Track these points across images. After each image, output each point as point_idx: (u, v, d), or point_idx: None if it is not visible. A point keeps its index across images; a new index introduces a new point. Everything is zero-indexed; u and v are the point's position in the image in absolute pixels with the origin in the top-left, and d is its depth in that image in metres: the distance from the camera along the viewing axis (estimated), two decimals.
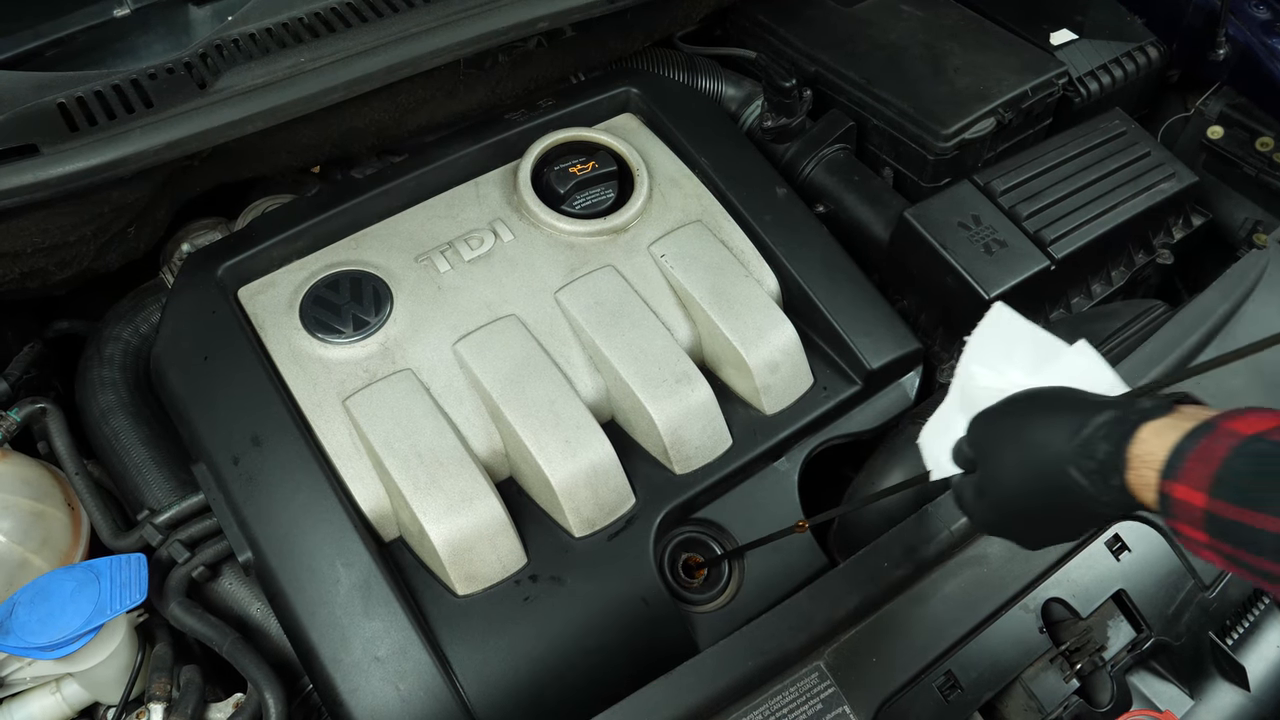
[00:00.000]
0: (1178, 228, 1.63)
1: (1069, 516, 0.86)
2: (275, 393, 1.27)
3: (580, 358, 1.34)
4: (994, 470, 0.89)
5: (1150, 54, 1.77)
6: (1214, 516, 0.73)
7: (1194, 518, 0.74)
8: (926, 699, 1.06)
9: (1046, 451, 0.84)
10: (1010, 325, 1.01)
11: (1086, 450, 0.81)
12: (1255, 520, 0.70)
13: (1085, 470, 0.81)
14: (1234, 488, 0.72)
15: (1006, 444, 0.88)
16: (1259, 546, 0.70)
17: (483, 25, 1.39)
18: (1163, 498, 0.76)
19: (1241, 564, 0.73)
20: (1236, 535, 0.72)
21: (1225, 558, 0.75)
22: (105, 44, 1.40)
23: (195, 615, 1.20)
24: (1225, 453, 0.73)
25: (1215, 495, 0.73)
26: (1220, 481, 0.73)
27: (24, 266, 1.35)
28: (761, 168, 1.57)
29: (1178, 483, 0.75)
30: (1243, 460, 0.72)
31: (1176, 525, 0.77)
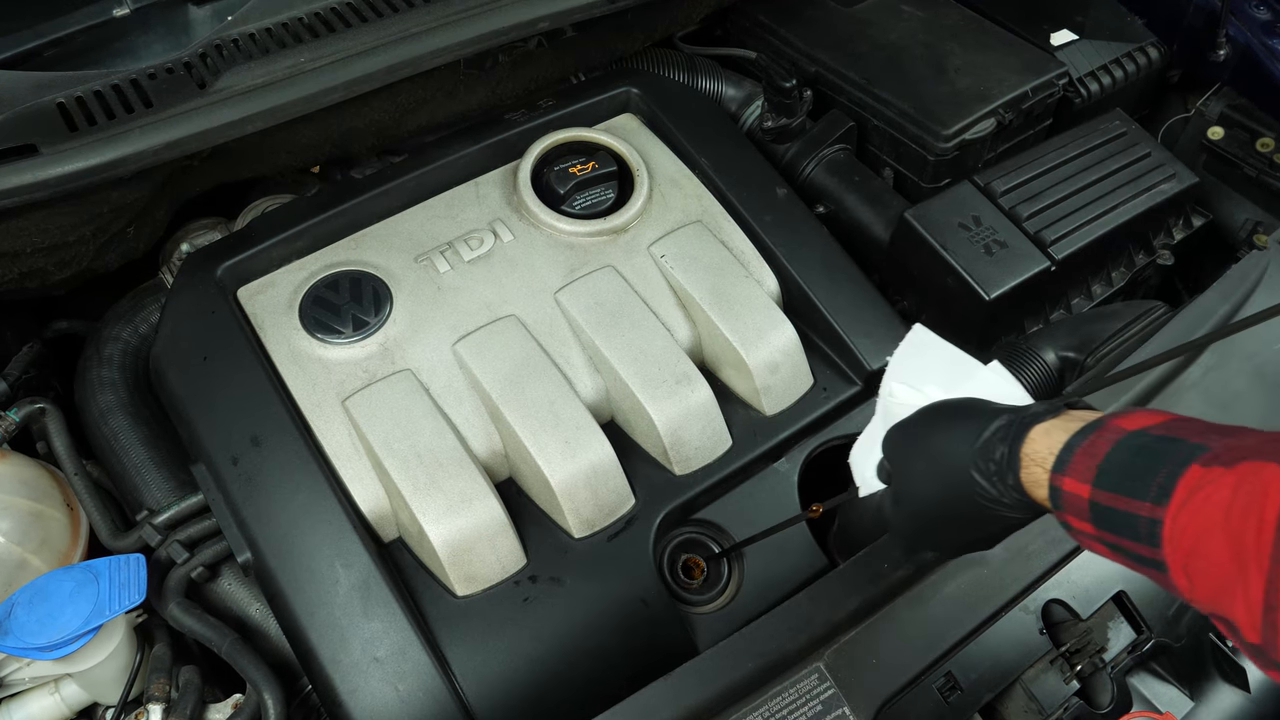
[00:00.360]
0: (1178, 228, 1.63)
1: (978, 520, 0.89)
2: (275, 393, 1.27)
3: (580, 358, 1.34)
4: (907, 479, 0.94)
5: (1151, 54, 1.77)
6: (1097, 505, 0.77)
7: (1080, 509, 0.78)
8: (926, 700, 1.06)
9: (951, 458, 0.88)
10: (929, 346, 1.06)
11: (985, 453, 0.85)
12: (1131, 506, 0.74)
13: (985, 473, 0.85)
14: (1113, 476, 0.76)
15: (916, 453, 0.93)
16: (1134, 531, 0.74)
17: (483, 25, 1.39)
18: (1052, 490, 0.80)
19: (1122, 551, 0.77)
20: (1116, 522, 0.76)
21: (1109, 547, 0.78)
22: (105, 44, 1.39)
23: (194, 616, 1.20)
24: (1109, 447, 0.77)
25: (1098, 485, 0.77)
26: (1103, 473, 0.77)
27: (23, 266, 1.35)
28: (762, 168, 1.57)
29: (1065, 476, 0.79)
30: (1124, 452, 0.76)
31: (1066, 518, 0.81)
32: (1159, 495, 0.72)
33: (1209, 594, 0.70)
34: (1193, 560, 0.70)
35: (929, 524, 0.94)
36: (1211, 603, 0.70)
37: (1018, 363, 1.40)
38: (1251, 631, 0.66)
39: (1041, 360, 1.40)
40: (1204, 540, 0.69)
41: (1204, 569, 0.69)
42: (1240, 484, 0.68)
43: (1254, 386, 1.29)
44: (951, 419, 0.91)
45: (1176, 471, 0.72)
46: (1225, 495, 0.68)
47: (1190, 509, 0.70)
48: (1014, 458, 0.84)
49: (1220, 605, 0.69)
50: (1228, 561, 0.67)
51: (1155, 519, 0.72)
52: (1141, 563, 0.76)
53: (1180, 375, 1.28)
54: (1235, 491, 0.68)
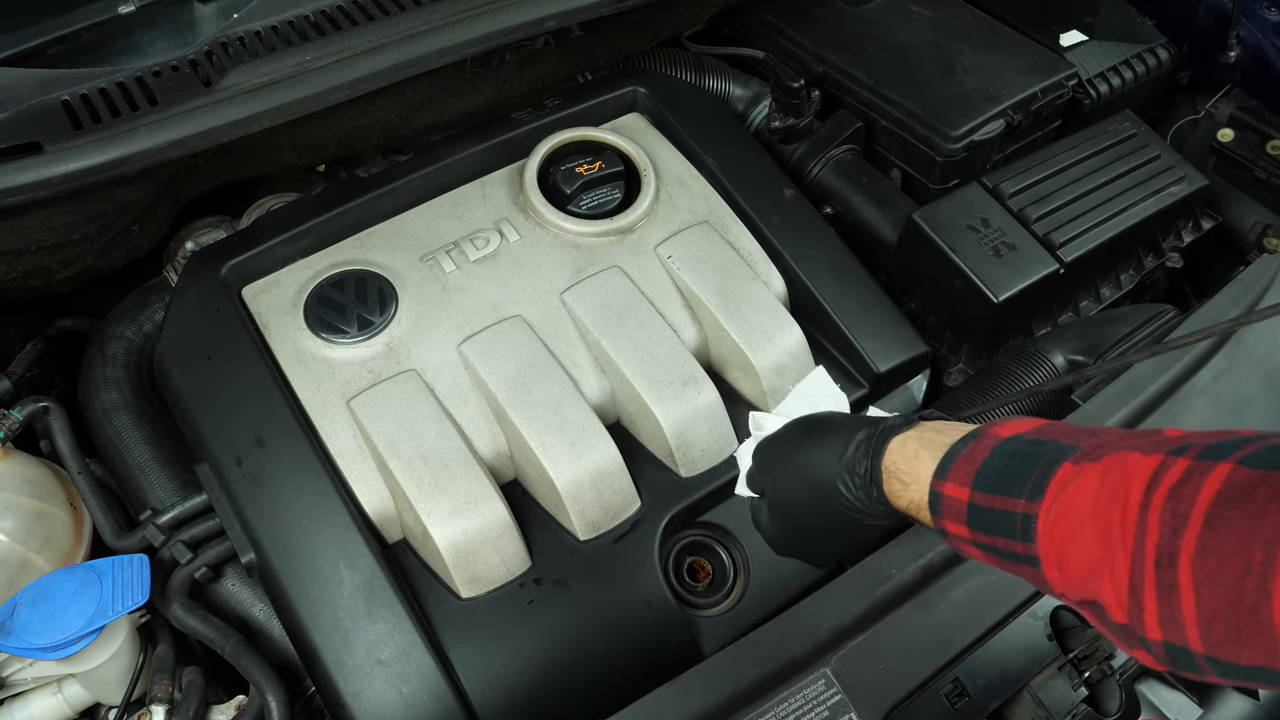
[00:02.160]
0: (1187, 231, 1.62)
1: (847, 529, 0.95)
2: (279, 393, 1.26)
3: (586, 359, 1.33)
4: (779, 491, 1.00)
5: (1160, 56, 1.76)
6: (975, 507, 0.80)
7: (959, 511, 0.81)
8: (934, 706, 1.05)
9: (819, 471, 0.94)
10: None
11: (850, 467, 0.91)
12: (1006, 504, 0.77)
13: (850, 485, 0.91)
14: (990, 479, 0.80)
15: (787, 466, 0.99)
16: (1009, 528, 0.77)
17: (490, 24, 1.38)
18: (933, 496, 0.84)
19: (995, 551, 0.80)
20: (991, 521, 0.79)
21: (983, 549, 0.81)
22: (110, 41, 1.39)
23: (197, 616, 1.19)
24: (986, 453, 0.81)
25: (976, 488, 0.80)
26: (981, 476, 0.80)
27: (27, 264, 1.34)
28: (769, 169, 1.56)
29: (946, 481, 0.83)
30: (1000, 457, 0.80)
31: (944, 524, 0.84)
32: (1033, 492, 0.76)
33: (1078, 581, 0.72)
34: (1064, 550, 0.72)
35: (801, 533, 1.01)
36: (1081, 588, 0.72)
37: (1026, 365, 1.39)
38: (1119, 611, 0.68)
39: (1050, 363, 1.39)
40: (1075, 530, 0.72)
41: (1074, 557, 0.72)
42: (1106, 473, 0.71)
43: (1265, 391, 1.28)
44: (815, 435, 0.97)
45: (1049, 470, 0.75)
46: (1093, 485, 0.72)
47: (1061, 502, 0.73)
48: (875, 471, 0.89)
49: (1090, 590, 0.71)
50: (1096, 546, 0.70)
51: (1030, 514, 0.75)
52: (1015, 560, 0.78)
53: (1190, 380, 1.27)
54: (1102, 480, 0.71)
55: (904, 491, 0.87)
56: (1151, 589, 0.66)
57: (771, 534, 1.05)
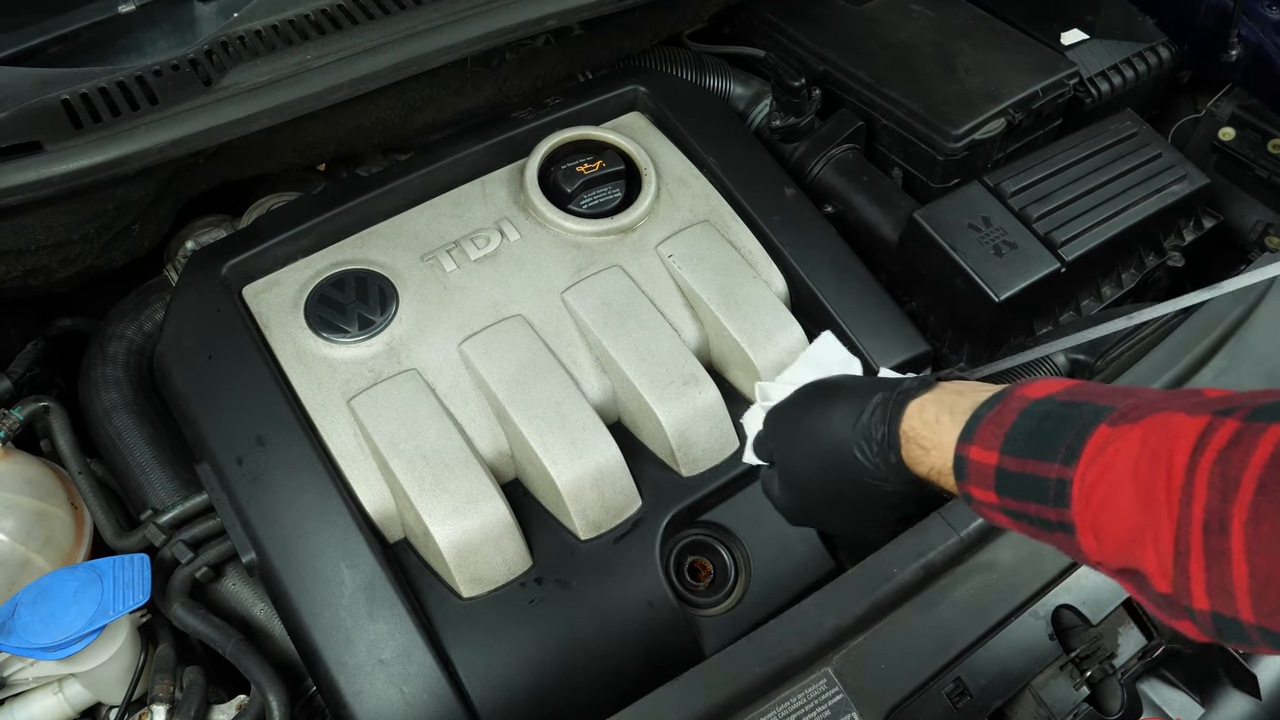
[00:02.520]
0: (1188, 230, 1.62)
1: (863, 497, 0.91)
2: (280, 392, 1.26)
3: (587, 359, 1.33)
4: (791, 459, 0.97)
5: (1161, 54, 1.76)
6: (1004, 472, 0.77)
7: (986, 476, 0.78)
8: (935, 706, 1.05)
9: (833, 437, 0.90)
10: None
11: (866, 433, 0.87)
12: (1039, 469, 0.74)
13: (867, 452, 0.87)
14: (1021, 442, 0.76)
15: (799, 434, 0.96)
16: (1041, 494, 0.74)
17: (491, 23, 1.38)
18: (958, 460, 0.80)
19: (1026, 518, 0.77)
20: (1022, 486, 0.75)
21: (1011, 515, 0.78)
22: (110, 40, 1.39)
23: (198, 616, 1.19)
24: (1015, 415, 0.78)
25: (1005, 452, 0.77)
26: (1010, 439, 0.77)
27: (27, 264, 1.34)
28: (770, 168, 1.56)
29: (972, 444, 0.79)
30: (1030, 419, 0.77)
31: (969, 489, 0.80)
32: (1067, 456, 0.72)
33: (1117, 548, 0.69)
34: (1102, 516, 0.69)
35: (815, 503, 0.97)
36: (1121, 557, 0.69)
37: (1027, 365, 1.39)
38: (1162, 580, 0.66)
39: (1051, 363, 1.39)
40: (1113, 494, 0.68)
41: (1113, 523, 0.69)
42: (1148, 435, 0.68)
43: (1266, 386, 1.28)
44: (830, 400, 0.93)
45: (1084, 433, 0.72)
46: (1133, 448, 0.68)
47: (1099, 465, 0.70)
48: (893, 436, 0.86)
49: (1130, 558, 0.68)
50: (1137, 512, 0.67)
51: (1064, 479, 0.72)
52: (1046, 528, 0.75)
53: (1192, 379, 1.28)
54: (1143, 443, 0.68)
55: (924, 457, 0.84)
56: (1199, 556, 0.63)
57: (785, 503, 1.01)
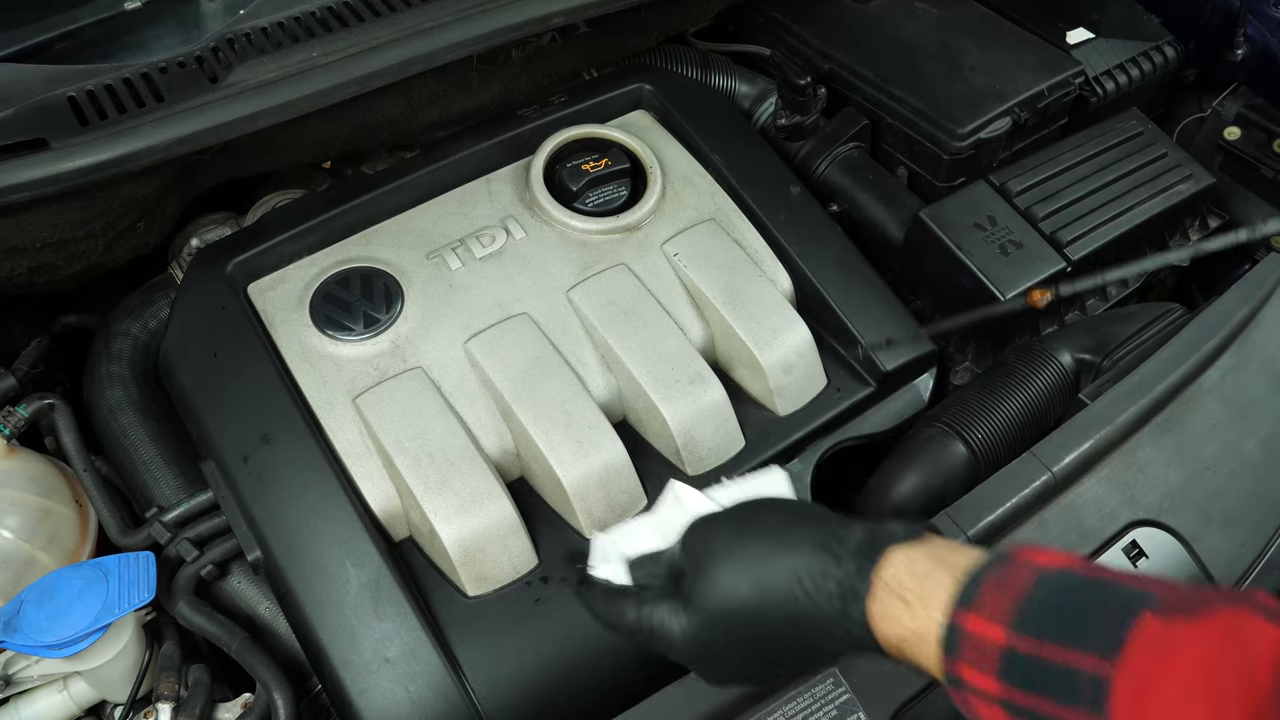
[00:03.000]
0: (1194, 230, 1.62)
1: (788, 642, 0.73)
2: (285, 390, 1.26)
3: (592, 357, 1.33)
4: (711, 580, 0.74)
5: (1167, 53, 1.76)
6: (1015, 654, 0.61)
7: (987, 656, 0.62)
8: (943, 705, 1.05)
9: (775, 567, 0.72)
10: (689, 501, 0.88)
11: (824, 569, 0.70)
12: (1069, 659, 0.59)
13: (821, 592, 0.70)
14: (1038, 620, 0.61)
15: (729, 554, 0.74)
16: (1070, 691, 0.59)
17: (497, 20, 1.37)
18: (951, 630, 0.65)
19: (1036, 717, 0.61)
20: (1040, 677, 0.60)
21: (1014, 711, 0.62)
22: (115, 37, 1.38)
23: (203, 614, 1.19)
24: (1028, 582, 0.63)
25: (1016, 628, 0.62)
26: (1023, 614, 0.62)
27: (32, 261, 1.34)
28: (775, 166, 1.56)
29: (972, 612, 0.64)
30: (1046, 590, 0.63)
31: (960, 668, 0.65)
32: (1106, 647, 0.58)
33: None
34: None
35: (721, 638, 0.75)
36: None
37: (1033, 364, 1.39)
38: None
39: (1057, 362, 1.39)
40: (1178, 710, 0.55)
41: None
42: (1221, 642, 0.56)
43: (1273, 390, 1.28)
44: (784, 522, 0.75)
45: (1124, 620, 0.59)
46: (1198, 652, 0.56)
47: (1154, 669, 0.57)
48: (863, 581, 0.69)
49: None
50: None
51: (1101, 677, 0.58)
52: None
53: (1198, 379, 1.27)
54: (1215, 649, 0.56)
55: (902, 616, 0.67)
56: None
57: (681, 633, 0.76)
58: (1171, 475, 1.21)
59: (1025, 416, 1.35)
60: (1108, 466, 1.21)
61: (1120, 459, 1.21)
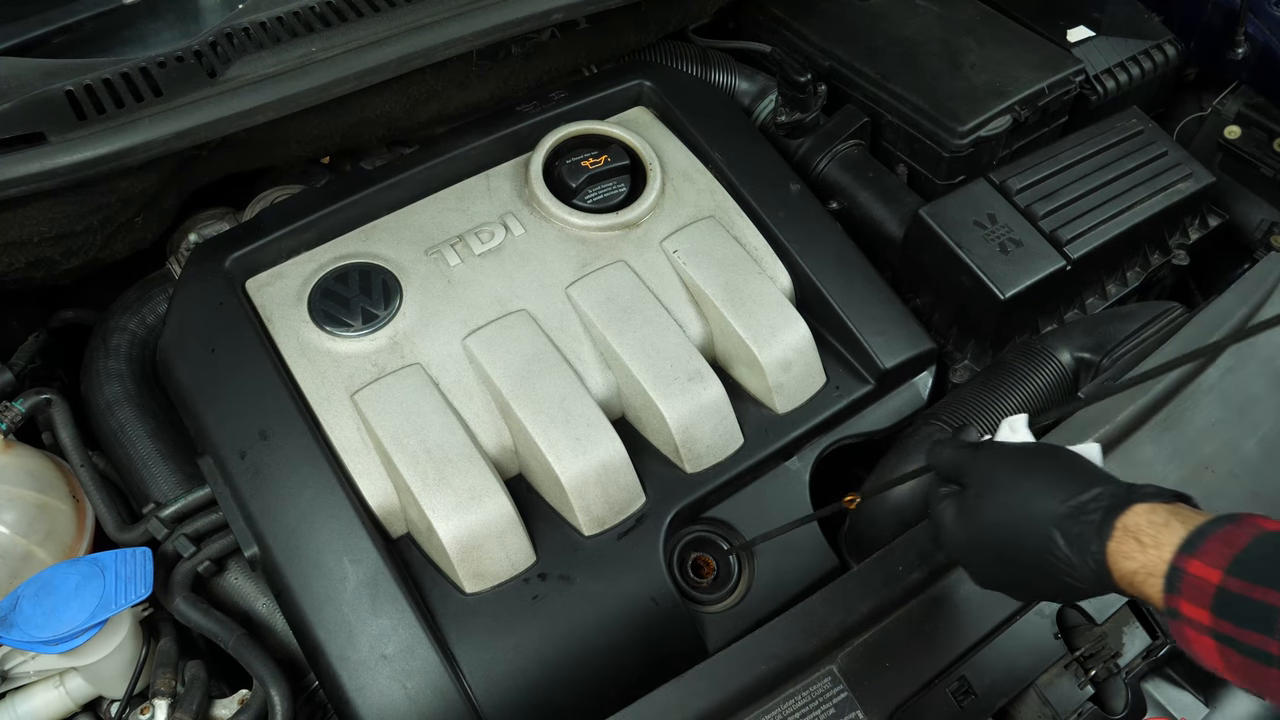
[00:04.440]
0: (1194, 228, 1.62)
1: (1036, 570, 0.86)
2: (283, 386, 1.25)
3: (591, 354, 1.33)
4: (982, 502, 0.91)
5: (1168, 52, 1.76)
6: (1226, 592, 0.73)
7: (1203, 593, 0.74)
8: (940, 704, 1.05)
9: (1037, 506, 0.86)
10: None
11: (1075, 515, 0.83)
12: (1269, 596, 0.70)
13: (1068, 534, 0.83)
14: (1253, 567, 0.73)
15: (1003, 484, 0.90)
16: (1268, 624, 0.70)
17: (496, 16, 1.37)
18: (1172, 571, 0.77)
19: (1237, 645, 0.72)
20: (1245, 612, 0.72)
21: (1223, 641, 0.74)
22: (114, 31, 1.38)
23: (200, 610, 1.19)
24: (1249, 539, 0.74)
25: (1232, 573, 0.73)
26: (1240, 562, 0.73)
27: (30, 256, 1.34)
28: (775, 163, 1.56)
29: (1194, 558, 0.76)
30: (1267, 545, 0.73)
31: (1180, 603, 0.76)
32: None
33: None
34: None
35: (983, 545, 0.91)
36: None
37: (1032, 363, 1.39)
38: None
39: (1056, 360, 1.39)
40: None
41: None
42: None
43: (1273, 389, 1.28)
44: (1051, 468, 0.89)
45: None
46: None
47: None
48: (1106, 526, 0.81)
49: None
50: None
51: None
52: (1263, 660, 0.71)
53: (1198, 378, 1.27)
54: None
55: (1137, 554, 0.79)
56: None
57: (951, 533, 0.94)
58: (1170, 474, 1.21)
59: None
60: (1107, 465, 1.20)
61: (1119, 457, 1.21)
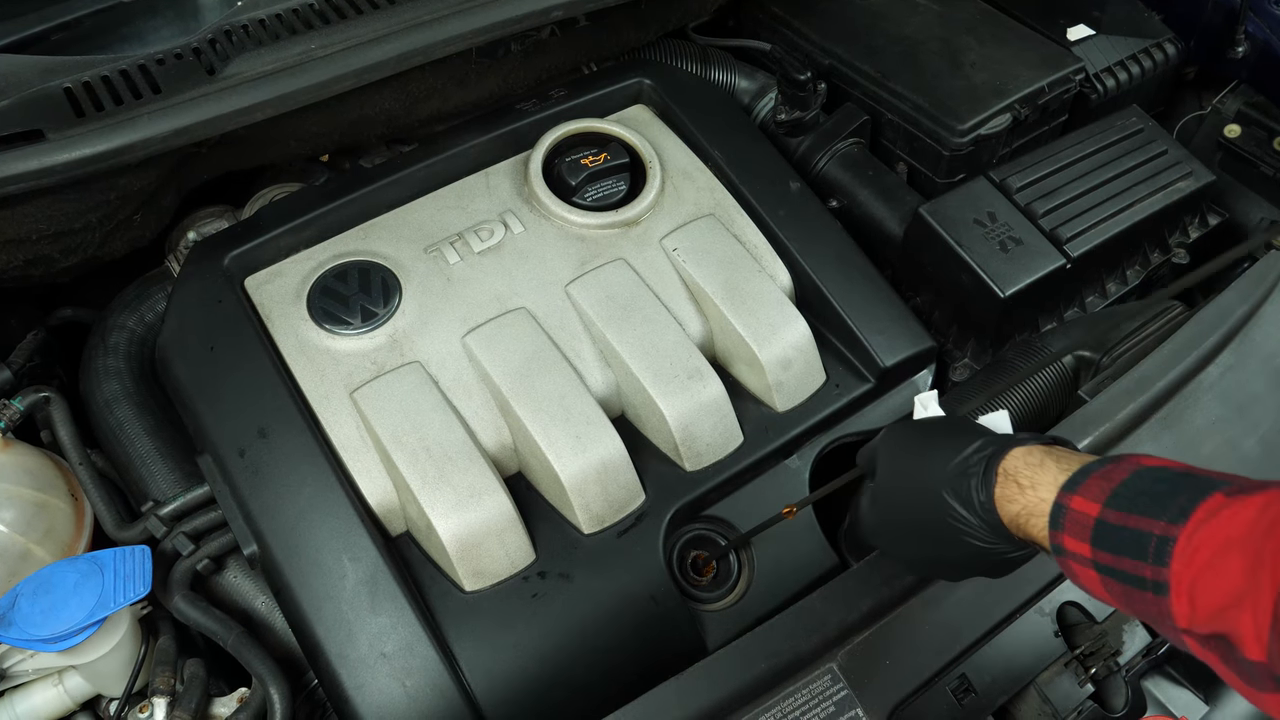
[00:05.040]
0: (1194, 227, 1.61)
1: (943, 538, 0.88)
2: (282, 384, 1.25)
3: (591, 352, 1.32)
4: (885, 483, 0.95)
5: (1168, 50, 1.75)
6: (1104, 524, 0.76)
7: (1083, 527, 0.77)
8: (940, 703, 1.05)
9: (928, 473, 0.89)
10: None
11: (961, 471, 0.87)
12: (1143, 524, 0.73)
13: (959, 492, 0.86)
14: (1128, 499, 0.76)
15: (897, 456, 0.95)
16: (1140, 549, 0.73)
17: (496, 14, 1.37)
18: (1055, 509, 0.80)
19: (1117, 575, 0.75)
20: (1120, 541, 0.75)
21: (1103, 570, 0.77)
22: (113, 29, 1.38)
23: (199, 609, 1.19)
24: (1126, 474, 0.78)
25: (1110, 505, 0.76)
26: (1117, 495, 0.76)
27: (28, 253, 1.33)
28: (775, 162, 1.56)
29: (1075, 495, 0.79)
30: (1143, 480, 0.77)
31: (1063, 538, 0.79)
32: (1176, 515, 0.72)
33: (1211, 612, 0.68)
34: (1201, 578, 0.69)
35: (894, 526, 0.95)
36: (1213, 621, 0.68)
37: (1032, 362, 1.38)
38: (1255, 646, 0.65)
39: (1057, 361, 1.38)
40: (1219, 557, 0.68)
41: (1211, 585, 0.68)
42: (1267, 505, 0.68)
43: (1272, 388, 1.28)
44: (940, 432, 0.93)
45: (1197, 496, 0.72)
46: (1249, 514, 0.68)
47: (1208, 529, 0.70)
48: (989, 474, 0.85)
49: (1223, 622, 0.67)
50: (1240, 576, 0.66)
51: (1168, 536, 0.71)
52: (1137, 584, 0.74)
53: (1198, 376, 1.27)
54: (1260, 511, 0.68)
55: (1018, 495, 0.83)
56: None
57: (866, 519, 0.99)
58: None
59: (1024, 413, 1.35)
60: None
61: None
